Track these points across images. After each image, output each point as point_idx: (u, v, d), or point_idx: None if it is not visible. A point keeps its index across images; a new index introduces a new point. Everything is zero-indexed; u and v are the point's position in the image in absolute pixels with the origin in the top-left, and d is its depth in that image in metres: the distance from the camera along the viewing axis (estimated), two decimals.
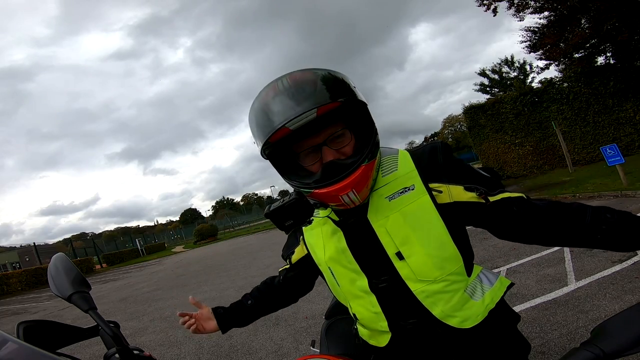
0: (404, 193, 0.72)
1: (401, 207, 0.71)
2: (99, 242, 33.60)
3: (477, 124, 12.86)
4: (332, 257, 0.79)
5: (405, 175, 0.73)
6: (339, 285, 0.80)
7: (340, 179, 0.64)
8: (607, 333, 0.45)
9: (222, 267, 9.03)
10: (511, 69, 32.19)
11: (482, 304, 0.74)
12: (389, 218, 0.71)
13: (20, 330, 0.56)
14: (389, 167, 0.75)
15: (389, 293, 0.75)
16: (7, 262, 35.40)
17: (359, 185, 0.65)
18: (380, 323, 0.77)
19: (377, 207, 0.73)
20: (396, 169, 0.74)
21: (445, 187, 0.72)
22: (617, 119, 10.33)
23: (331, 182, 0.65)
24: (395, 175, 0.74)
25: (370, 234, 0.73)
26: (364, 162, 0.65)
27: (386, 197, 0.72)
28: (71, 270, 0.62)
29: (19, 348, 0.47)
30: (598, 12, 8.61)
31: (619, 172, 6.04)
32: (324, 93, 0.63)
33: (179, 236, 46.66)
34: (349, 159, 0.67)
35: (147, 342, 3.80)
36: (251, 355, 2.84)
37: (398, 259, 0.72)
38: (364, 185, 0.67)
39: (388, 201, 0.72)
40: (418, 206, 0.71)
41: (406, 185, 0.72)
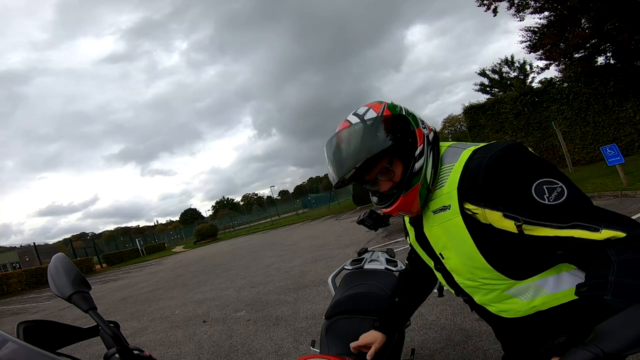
0: (443, 210, 0.81)
1: (441, 221, 0.82)
2: (99, 242, 33.59)
3: (477, 124, 12.85)
4: (412, 243, 1.01)
5: (446, 195, 0.80)
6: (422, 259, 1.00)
7: (388, 205, 0.84)
8: (607, 333, 0.45)
9: (222, 267, 9.03)
10: (511, 69, 32.19)
11: (527, 304, 0.79)
12: (432, 228, 0.86)
13: (20, 330, 0.56)
14: (441, 180, 0.82)
15: (445, 275, 0.92)
16: (7, 262, 35.40)
17: (404, 208, 0.84)
18: (451, 290, 0.96)
19: (427, 216, 0.87)
20: (444, 185, 0.81)
21: (482, 210, 0.72)
22: (617, 119, 10.33)
23: (383, 206, 0.86)
24: (441, 192, 0.82)
25: (425, 237, 0.90)
26: (401, 194, 0.82)
27: (432, 210, 0.84)
28: (71, 270, 0.62)
29: (19, 348, 0.47)
30: (598, 12, 8.61)
31: (619, 172, 6.04)
32: (354, 154, 0.79)
33: (178, 236, 46.64)
34: (393, 189, 0.84)
35: (147, 342, 3.80)
36: (251, 355, 2.84)
37: (441, 258, 0.88)
38: (409, 209, 0.84)
39: (433, 214, 0.84)
40: (452, 224, 0.79)
41: (445, 204, 0.80)
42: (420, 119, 0.88)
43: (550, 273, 0.75)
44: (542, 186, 0.64)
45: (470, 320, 2.55)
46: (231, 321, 3.89)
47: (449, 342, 2.32)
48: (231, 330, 3.56)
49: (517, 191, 0.66)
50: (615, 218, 0.60)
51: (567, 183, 0.64)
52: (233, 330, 3.55)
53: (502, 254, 0.77)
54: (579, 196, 0.64)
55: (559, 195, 0.63)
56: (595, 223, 0.60)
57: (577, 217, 0.62)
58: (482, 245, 0.77)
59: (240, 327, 3.62)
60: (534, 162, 0.68)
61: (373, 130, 0.79)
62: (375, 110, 0.83)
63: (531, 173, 0.66)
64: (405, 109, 0.86)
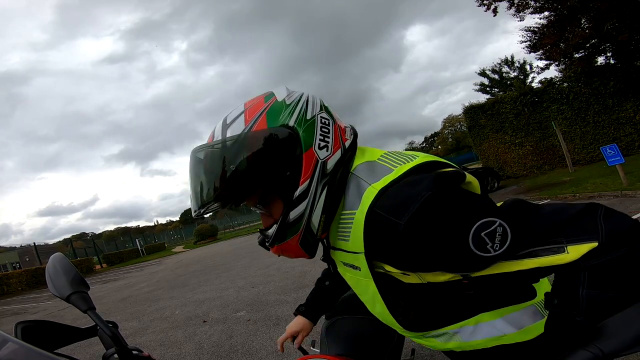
0: (353, 268, 0.66)
1: (352, 275, 0.69)
2: (99, 242, 33.58)
3: (477, 124, 12.85)
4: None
5: (352, 255, 0.62)
6: None
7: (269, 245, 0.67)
8: (607, 332, 0.45)
9: (222, 267, 9.03)
10: (511, 69, 32.21)
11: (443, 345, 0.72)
12: (345, 276, 0.74)
13: (18, 330, 0.56)
14: (344, 230, 0.62)
15: None
16: (7, 262, 35.41)
17: (288, 255, 0.68)
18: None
19: (337, 260, 0.73)
20: (348, 239, 0.61)
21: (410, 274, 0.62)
22: (617, 118, 10.34)
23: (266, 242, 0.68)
24: (346, 246, 0.63)
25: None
26: (274, 244, 0.65)
27: (340, 260, 0.70)
28: (70, 270, 0.62)
29: (19, 348, 0.47)
30: (598, 12, 8.61)
31: (619, 172, 6.04)
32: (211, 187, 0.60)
33: (179, 236, 46.65)
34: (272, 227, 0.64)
35: (147, 342, 3.79)
36: (251, 356, 2.84)
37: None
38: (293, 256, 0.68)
39: (342, 264, 0.70)
40: (365, 283, 0.66)
41: (353, 264, 0.64)
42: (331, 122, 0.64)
43: (468, 323, 0.67)
44: (480, 235, 0.49)
45: None
46: (231, 321, 3.89)
47: None
48: (231, 331, 3.56)
49: (453, 252, 0.51)
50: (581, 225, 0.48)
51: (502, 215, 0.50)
52: (233, 331, 3.55)
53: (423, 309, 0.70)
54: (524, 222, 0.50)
55: (503, 238, 0.49)
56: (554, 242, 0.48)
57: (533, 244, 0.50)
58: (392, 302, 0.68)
59: (241, 327, 3.62)
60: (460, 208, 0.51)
61: (233, 154, 0.58)
62: (247, 118, 0.61)
63: (463, 224, 0.50)
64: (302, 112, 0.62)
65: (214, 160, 0.60)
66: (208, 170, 0.61)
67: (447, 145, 55.65)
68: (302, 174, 0.59)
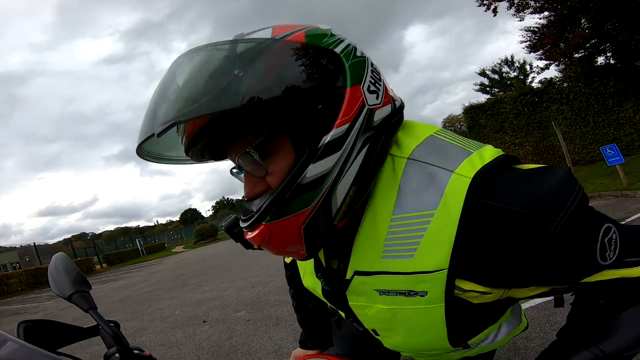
0: (404, 295, 0.46)
1: (393, 305, 0.48)
2: (99, 243, 33.61)
3: (477, 124, 12.86)
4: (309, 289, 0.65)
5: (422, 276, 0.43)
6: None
7: (247, 227, 0.44)
8: (608, 333, 0.45)
9: (222, 267, 9.03)
10: (511, 69, 32.21)
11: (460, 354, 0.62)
12: (372, 308, 0.51)
13: (20, 330, 0.56)
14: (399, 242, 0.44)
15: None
16: (7, 262, 35.42)
17: (273, 245, 0.44)
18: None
19: (360, 292, 0.50)
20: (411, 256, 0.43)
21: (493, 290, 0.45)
22: (617, 119, 10.34)
23: (243, 224, 0.45)
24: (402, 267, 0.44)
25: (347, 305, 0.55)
26: (264, 220, 0.41)
27: (376, 289, 0.48)
28: (72, 269, 0.63)
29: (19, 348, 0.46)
30: (598, 12, 8.61)
31: (619, 172, 6.04)
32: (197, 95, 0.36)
33: (179, 236, 46.66)
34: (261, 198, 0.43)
35: (147, 342, 3.80)
36: (251, 355, 2.84)
37: (374, 333, 0.58)
38: (279, 248, 0.45)
39: (378, 294, 0.48)
40: (419, 312, 0.47)
41: (414, 289, 0.44)
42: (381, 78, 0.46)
43: (494, 328, 0.60)
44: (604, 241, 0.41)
45: None
46: (231, 321, 3.89)
47: None
48: (231, 330, 3.57)
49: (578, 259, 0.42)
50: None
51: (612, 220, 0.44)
52: (233, 330, 3.55)
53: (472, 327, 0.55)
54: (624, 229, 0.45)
55: (615, 245, 0.42)
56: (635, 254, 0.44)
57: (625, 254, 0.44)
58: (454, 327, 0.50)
59: (241, 327, 3.62)
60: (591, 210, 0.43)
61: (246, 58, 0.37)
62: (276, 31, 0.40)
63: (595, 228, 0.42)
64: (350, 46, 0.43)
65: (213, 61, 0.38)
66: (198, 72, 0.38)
67: None
68: (340, 112, 0.40)
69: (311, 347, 0.89)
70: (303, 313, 0.89)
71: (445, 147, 0.45)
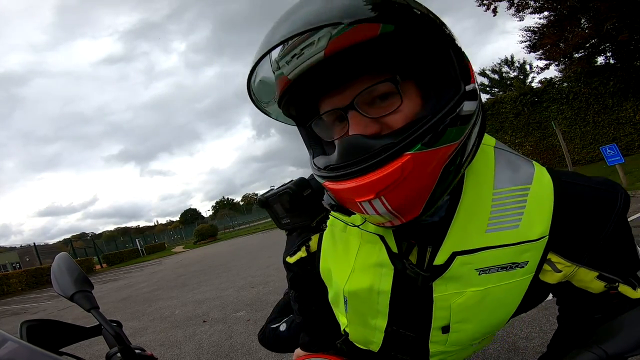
0: (506, 270, 0.47)
1: (488, 285, 0.48)
2: (99, 243, 33.62)
3: None
4: (357, 293, 0.56)
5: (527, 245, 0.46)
6: (346, 311, 0.61)
7: (360, 172, 0.38)
8: (610, 334, 0.45)
9: (222, 267, 9.04)
10: (511, 69, 32.20)
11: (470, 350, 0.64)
12: (463, 295, 0.49)
13: (23, 330, 0.56)
14: (504, 213, 0.46)
15: (400, 340, 0.59)
16: (7, 262, 35.42)
17: (397, 194, 0.38)
18: (371, 347, 0.65)
19: (457, 276, 0.48)
20: (517, 226, 0.46)
21: (574, 268, 0.48)
22: (617, 118, 10.35)
23: (346, 173, 0.40)
24: (509, 238, 0.46)
25: (425, 298, 0.52)
26: (411, 148, 0.37)
27: (477, 268, 0.47)
28: (74, 269, 0.63)
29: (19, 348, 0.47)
30: (598, 12, 8.62)
31: (619, 172, 6.05)
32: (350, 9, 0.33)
33: (178, 236, 46.66)
34: (386, 138, 0.39)
35: (148, 342, 3.80)
36: (251, 355, 2.85)
37: (440, 332, 0.54)
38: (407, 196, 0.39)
39: (477, 274, 0.47)
40: (510, 288, 0.48)
41: (517, 261, 0.46)
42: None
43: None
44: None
45: None
46: (231, 321, 3.90)
47: None
48: (231, 330, 3.57)
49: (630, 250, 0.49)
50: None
51: None
52: (233, 330, 3.55)
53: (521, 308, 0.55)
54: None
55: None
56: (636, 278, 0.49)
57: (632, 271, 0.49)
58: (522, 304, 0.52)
59: (240, 327, 3.62)
60: None
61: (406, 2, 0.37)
62: None
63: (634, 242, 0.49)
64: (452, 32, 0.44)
65: None
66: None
67: None
68: (472, 73, 0.42)
69: (315, 351, 0.84)
70: (307, 316, 0.83)
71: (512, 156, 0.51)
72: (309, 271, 0.72)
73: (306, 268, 0.72)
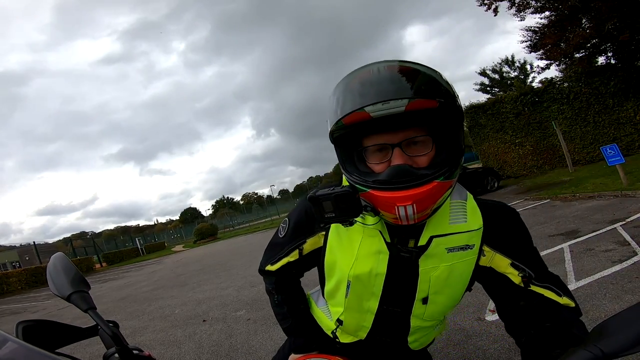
0: (463, 250, 0.69)
1: (453, 261, 0.69)
2: (99, 242, 33.64)
3: (477, 124, 12.85)
4: (360, 276, 0.73)
5: (472, 232, 0.69)
6: (346, 296, 0.78)
7: (406, 187, 0.58)
8: (607, 333, 0.45)
9: (222, 266, 9.04)
10: (512, 69, 32.19)
11: (435, 332, 0.92)
12: (438, 268, 0.70)
13: (19, 330, 0.56)
14: (457, 214, 0.70)
15: (387, 317, 0.78)
16: (7, 261, 35.45)
17: (424, 203, 0.59)
18: (360, 333, 0.83)
19: (434, 254, 0.69)
20: (465, 221, 0.70)
21: (492, 253, 0.71)
22: (617, 119, 10.34)
23: (396, 187, 0.59)
24: (462, 228, 0.69)
25: (412, 273, 0.71)
26: (438, 178, 0.59)
27: (446, 247, 0.69)
28: (70, 269, 0.62)
29: (19, 348, 0.47)
30: (599, 12, 8.60)
31: (619, 172, 6.04)
32: (422, 88, 0.57)
33: (178, 235, 46.68)
34: (423, 170, 0.61)
35: (147, 341, 3.79)
36: (251, 355, 2.84)
37: (421, 303, 0.74)
38: (428, 205, 0.60)
39: (446, 252, 0.69)
40: (465, 265, 0.70)
41: (467, 243, 0.69)
42: None
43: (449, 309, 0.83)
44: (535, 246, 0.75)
45: (470, 320, 2.55)
46: (231, 320, 3.89)
47: (448, 341, 2.31)
48: (231, 330, 3.56)
49: (529, 248, 0.72)
50: (566, 288, 0.70)
51: None
52: (233, 330, 3.55)
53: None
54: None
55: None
56: (561, 290, 0.69)
57: (550, 278, 0.70)
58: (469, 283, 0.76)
59: (240, 326, 3.62)
60: None
61: (447, 88, 0.60)
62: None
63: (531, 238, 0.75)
64: None
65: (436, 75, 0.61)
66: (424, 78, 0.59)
67: None
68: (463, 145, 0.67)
69: (313, 349, 0.90)
70: (297, 316, 0.93)
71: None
72: (292, 274, 0.92)
73: (291, 272, 0.91)
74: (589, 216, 4.82)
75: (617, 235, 3.69)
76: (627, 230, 3.78)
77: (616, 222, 4.17)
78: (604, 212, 4.86)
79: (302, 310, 0.94)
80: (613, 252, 3.24)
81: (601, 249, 3.38)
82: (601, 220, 4.42)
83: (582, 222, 4.57)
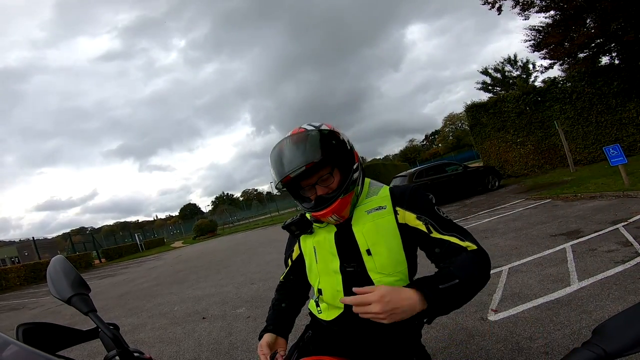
0: (378, 210, 1.00)
1: (375, 219, 0.99)
2: (98, 237, 33.61)
3: (478, 123, 12.82)
4: (320, 241, 1.06)
5: (382, 198, 1.02)
6: (317, 262, 1.06)
7: (324, 208, 0.96)
8: (609, 332, 0.45)
9: (221, 263, 9.04)
10: (514, 68, 32.09)
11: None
12: (365, 225, 1.00)
13: (20, 333, 0.56)
14: (373, 192, 1.06)
15: (352, 277, 1.00)
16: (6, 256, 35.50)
17: (338, 211, 0.97)
18: (337, 301, 1.02)
19: (358, 217, 1.02)
20: (377, 195, 1.05)
21: (403, 212, 0.98)
22: (620, 119, 10.31)
23: (319, 209, 0.97)
24: (375, 198, 1.03)
25: (351, 234, 1.01)
26: (339, 197, 0.96)
27: (366, 210, 1.01)
28: (70, 272, 0.61)
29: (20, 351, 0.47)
30: (604, 12, 8.55)
31: (621, 172, 6.02)
32: (311, 152, 0.92)
33: (178, 231, 46.75)
34: (332, 193, 0.98)
35: (146, 339, 3.78)
36: (251, 353, 2.83)
37: (367, 254, 0.98)
38: (342, 211, 0.98)
39: (367, 214, 1.01)
40: (386, 221, 0.99)
41: (381, 205, 1.01)
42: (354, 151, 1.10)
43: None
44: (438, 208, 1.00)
45: (473, 319, 2.53)
46: (231, 318, 3.89)
47: (451, 341, 2.30)
48: (231, 327, 3.56)
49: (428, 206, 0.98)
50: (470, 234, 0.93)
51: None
52: (233, 327, 3.54)
53: (411, 252, 1.01)
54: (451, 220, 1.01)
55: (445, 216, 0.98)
56: (464, 236, 0.91)
57: (454, 230, 0.93)
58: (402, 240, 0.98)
59: (240, 323, 3.61)
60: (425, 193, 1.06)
61: (327, 138, 0.95)
62: (327, 126, 1.01)
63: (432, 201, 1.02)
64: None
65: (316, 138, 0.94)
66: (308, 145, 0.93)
67: (448, 143, 55.58)
68: (355, 158, 1.03)
69: (271, 330, 1.17)
70: (274, 309, 1.25)
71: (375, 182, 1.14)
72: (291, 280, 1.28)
73: (289, 278, 1.28)
74: (591, 216, 4.80)
75: (619, 236, 3.68)
76: (630, 230, 3.77)
77: (618, 223, 4.15)
78: (606, 212, 4.85)
79: (282, 307, 1.23)
80: (616, 252, 3.23)
81: (604, 250, 3.37)
82: (603, 221, 4.41)
83: (584, 222, 4.55)
